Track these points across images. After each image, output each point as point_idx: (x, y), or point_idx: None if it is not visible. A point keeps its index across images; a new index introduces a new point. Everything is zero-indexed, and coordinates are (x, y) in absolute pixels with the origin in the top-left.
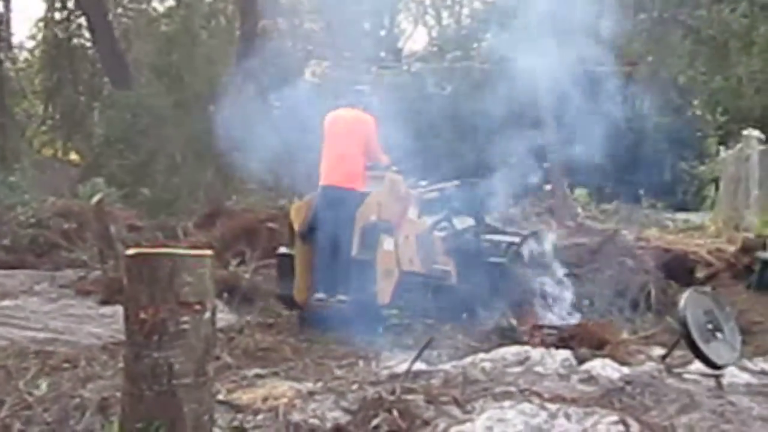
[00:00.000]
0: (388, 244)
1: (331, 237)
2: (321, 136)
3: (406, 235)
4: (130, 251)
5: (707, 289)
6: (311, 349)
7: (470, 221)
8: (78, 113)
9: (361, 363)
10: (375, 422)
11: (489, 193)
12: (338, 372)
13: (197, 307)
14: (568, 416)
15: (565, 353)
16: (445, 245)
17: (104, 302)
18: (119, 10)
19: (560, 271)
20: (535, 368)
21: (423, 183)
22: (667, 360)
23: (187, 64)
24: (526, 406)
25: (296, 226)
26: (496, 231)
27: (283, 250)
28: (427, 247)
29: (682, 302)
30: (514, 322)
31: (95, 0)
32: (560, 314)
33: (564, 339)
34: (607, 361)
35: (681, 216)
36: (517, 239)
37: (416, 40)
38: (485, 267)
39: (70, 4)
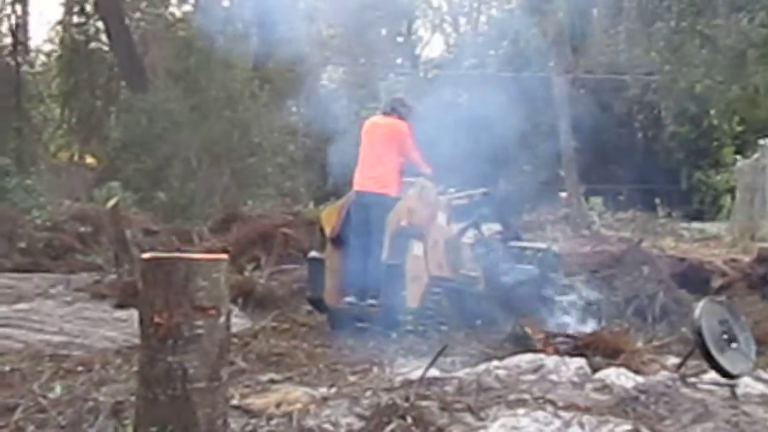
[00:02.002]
0: (417, 249)
1: (363, 241)
2: (357, 142)
3: (436, 241)
4: (146, 255)
5: (722, 298)
6: (325, 354)
7: (498, 228)
8: (95, 117)
9: (375, 369)
10: (389, 429)
11: (512, 200)
12: (352, 378)
13: (212, 311)
14: (581, 425)
15: (579, 362)
16: (474, 252)
17: (119, 306)
18: (137, 14)
19: (579, 280)
20: (550, 376)
21: (452, 190)
22: (682, 369)
23: (204, 68)
24: (539, 414)
25: (327, 231)
26: (521, 238)
27: (313, 254)
28: (456, 253)
29: (697, 312)
30: (528, 329)
31: (113, 4)
32: (576, 322)
33: (578, 347)
34: (622, 369)
35: (697, 225)
36: (544, 246)
37: (433, 47)
38: (514, 274)
39: (88, 9)
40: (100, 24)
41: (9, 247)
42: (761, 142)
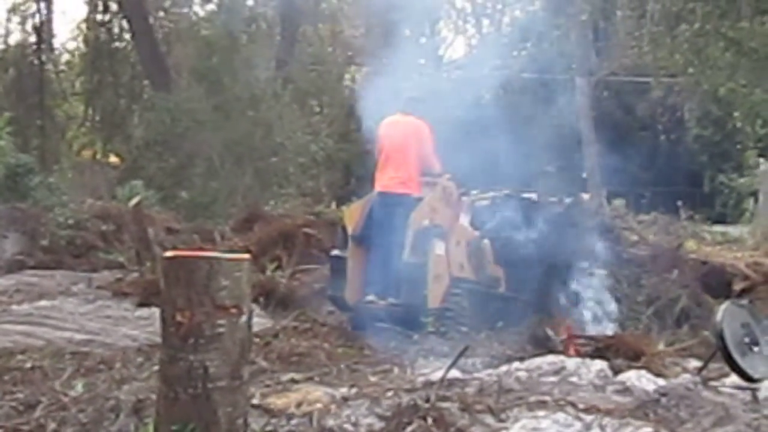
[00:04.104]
0: (439, 248)
1: (385, 241)
2: (376, 142)
3: (458, 241)
4: (168, 254)
5: (744, 302)
6: (346, 354)
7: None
8: (118, 116)
9: (395, 370)
10: (409, 429)
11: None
12: (373, 378)
13: (233, 310)
14: (602, 427)
15: (600, 364)
16: (496, 253)
17: (141, 304)
18: (160, 13)
19: (603, 282)
20: (571, 378)
21: (474, 192)
22: (703, 373)
23: (227, 68)
24: (560, 416)
25: (350, 229)
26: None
27: (335, 252)
28: (478, 254)
29: (719, 315)
30: (549, 331)
31: (137, 3)
32: (597, 324)
33: (600, 349)
34: (643, 372)
35: (719, 228)
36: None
37: (456, 48)
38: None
39: (112, 7)
40: (123, 23)
41: (31, 245)
42: None
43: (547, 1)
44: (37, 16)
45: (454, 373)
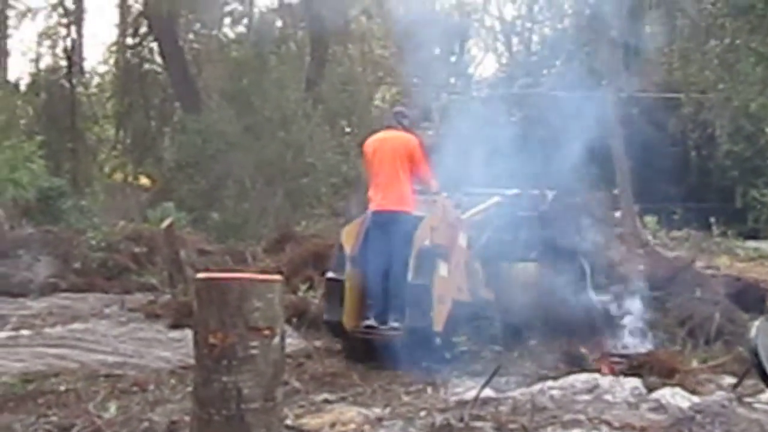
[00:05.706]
0: (443, 269)
1: (382, 262)
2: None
3: (457, 262)
4: (200, 275)
5: None
6: (379, 375)
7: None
8: (149, 138)
9: (429, 389)
10: None
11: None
12: (406, 398)
13: (266, 332)
14: None
15: (634, 381)
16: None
17: (173, 326)
18: (190, 35)
19: (631, 298)
20: (604, 396)
21: (463, 198)
22: (738, 389)
23: (257, 89)
24: None
25: (347, 250)
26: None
27: (331, 274)
28: (473, 276)
29: (753, 331)
30: (583, 349)
31: (167, 26)
32: (630, 342)
33: (633, 367)
34: (677, 389)
35: (752, 244)
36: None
37: (486, 66)
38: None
39: (143, 30)
40: (154, 45)
41: (64, 268)
42: None
43: (577, 19)
44: (68, 39)
45: (488, 392)
